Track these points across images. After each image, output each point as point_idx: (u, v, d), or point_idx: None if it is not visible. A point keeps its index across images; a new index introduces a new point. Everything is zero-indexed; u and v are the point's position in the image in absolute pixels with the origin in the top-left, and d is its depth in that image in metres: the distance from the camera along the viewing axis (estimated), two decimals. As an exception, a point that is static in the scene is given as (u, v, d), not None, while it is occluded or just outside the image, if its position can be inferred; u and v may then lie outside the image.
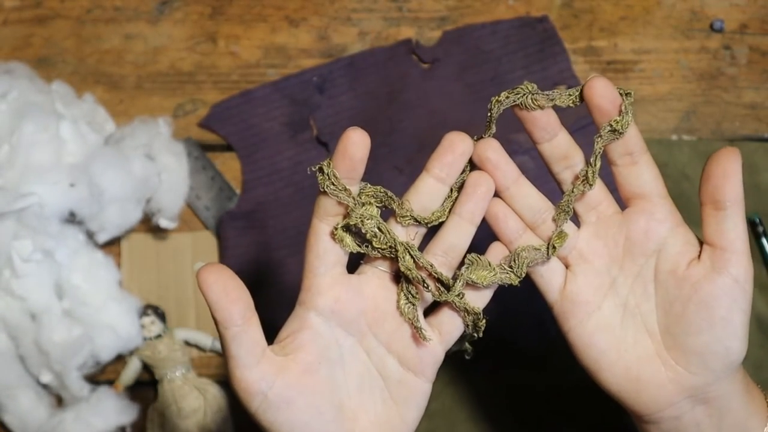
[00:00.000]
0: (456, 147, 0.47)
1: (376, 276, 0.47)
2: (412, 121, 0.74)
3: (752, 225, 0.71)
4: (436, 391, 0.69)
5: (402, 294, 0.47)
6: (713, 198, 0.46)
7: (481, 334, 0.49)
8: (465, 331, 0.48)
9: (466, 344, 0.50)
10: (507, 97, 0.47)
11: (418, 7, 0.78)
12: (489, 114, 0.48)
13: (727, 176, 0.45)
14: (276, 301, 0.71)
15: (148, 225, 0.72)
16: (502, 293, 0.69)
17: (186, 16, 0.78)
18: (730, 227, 0.46)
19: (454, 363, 0.69)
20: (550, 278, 0.49)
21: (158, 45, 0.77)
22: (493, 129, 0.48)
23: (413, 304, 0.47)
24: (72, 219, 0.68)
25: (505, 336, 0.69)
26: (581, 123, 0.74)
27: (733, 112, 0.75)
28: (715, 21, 0.77)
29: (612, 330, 0.48)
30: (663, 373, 0.47)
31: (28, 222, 0.65)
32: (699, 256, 0.47)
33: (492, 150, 0.47)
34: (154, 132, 0.71)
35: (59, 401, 0.69)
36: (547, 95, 0.47)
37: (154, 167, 0.70)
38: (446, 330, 0.48)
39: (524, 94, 0.46)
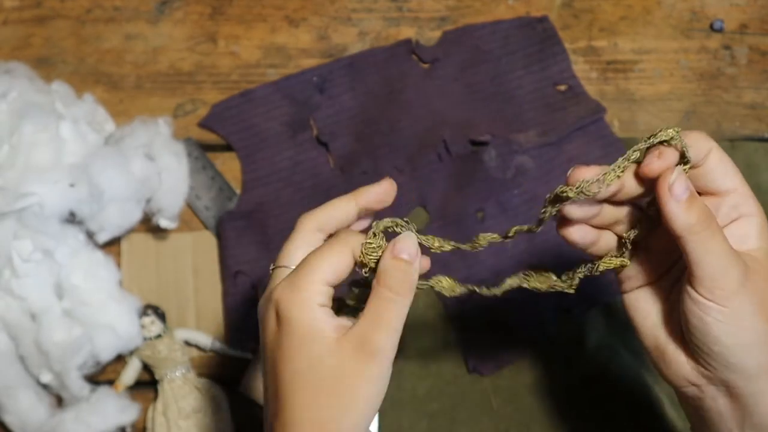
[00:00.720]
0: (387, 197, 0.52)
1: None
2: (412, 121, 0.74)
3: (752, 225, 0.71)
4: (436, 391, 0.69)
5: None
6: (671, 231, 0.44)
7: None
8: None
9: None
10: (558, 197, 0.46)
11: (418, 7, 0.78)
12: (543, 213, 0.47)
13: (666, 204, 0.44)
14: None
15: (148, 225, 0.72)
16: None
17: (186, 16, 0.78)
18: (699, 256, 0.44)
19: (454, 362, 0.69)
20: None
21: (158, 45, 0.77)
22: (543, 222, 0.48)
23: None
24: (72, 219, 0.68)
25: (506, 335, 0.69)
26: (582, 122, 0.74)
27: (733, 112, 0.75)
28: (715, 21, 0.77)
29: (654, 305, 0.49)
30: (683, 356, 0.48)
31: (28, 222, 0.65)
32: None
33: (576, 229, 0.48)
34: (154, 132, 0.71)
35: (59, 401, 0.69)
36: (598, 181, 0.45)
37: (154, 167, 0.70)
38: None
39: (576, 192, 0.45)
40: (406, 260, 0.46)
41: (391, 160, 0.73)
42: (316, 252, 0.48)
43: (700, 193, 0.47)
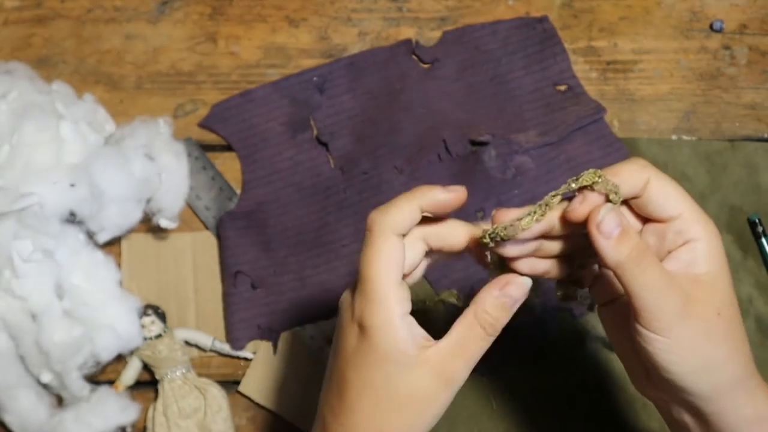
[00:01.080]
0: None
1: None
2: (412, 121, 0.74)
3: (752, 225, 0.71)
4: (436, 391, 0.69)
5: None
6: (604, 263, 0.45)
7: None
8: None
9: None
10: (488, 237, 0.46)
11: (418, 7, 0.78)
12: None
13: (595, 242, 0.44)
14: (275, 301, 0.71)
15: (148, 225, 0.72)
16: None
17: (186, 16, 0.78)
18: (633, 290, 0.44)
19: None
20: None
21: (158, 45, 0.77)
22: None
23: None
24: (72, 219, 0.68)
25: (506, 335, 0.69)
26: (582, 122, 0.74)
27: (733, 112, 0.75)
28: (715, 21, 0.77)
29: (621, 320, 0.49)
30: (644, 374, 0.48)
31: (28, 222, 0.65)
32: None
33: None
34: (154, 132, 0.71)
35: (59, 401, 0.69)
36: (513, 226, 0.45)
37: (154, 167, 0.70)
38: None
39: (489, 238, 0.46)
40: (509, 304, 0.47)
41: (391, 160, 0.73)
42: (373, 254, 0.45)
43: (648, 220, 0.47)
